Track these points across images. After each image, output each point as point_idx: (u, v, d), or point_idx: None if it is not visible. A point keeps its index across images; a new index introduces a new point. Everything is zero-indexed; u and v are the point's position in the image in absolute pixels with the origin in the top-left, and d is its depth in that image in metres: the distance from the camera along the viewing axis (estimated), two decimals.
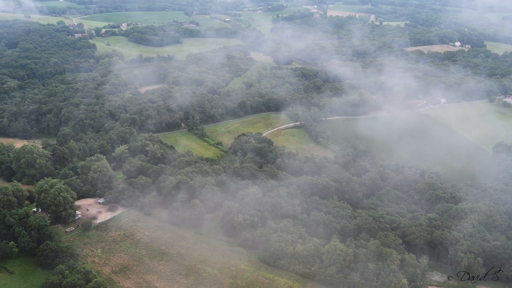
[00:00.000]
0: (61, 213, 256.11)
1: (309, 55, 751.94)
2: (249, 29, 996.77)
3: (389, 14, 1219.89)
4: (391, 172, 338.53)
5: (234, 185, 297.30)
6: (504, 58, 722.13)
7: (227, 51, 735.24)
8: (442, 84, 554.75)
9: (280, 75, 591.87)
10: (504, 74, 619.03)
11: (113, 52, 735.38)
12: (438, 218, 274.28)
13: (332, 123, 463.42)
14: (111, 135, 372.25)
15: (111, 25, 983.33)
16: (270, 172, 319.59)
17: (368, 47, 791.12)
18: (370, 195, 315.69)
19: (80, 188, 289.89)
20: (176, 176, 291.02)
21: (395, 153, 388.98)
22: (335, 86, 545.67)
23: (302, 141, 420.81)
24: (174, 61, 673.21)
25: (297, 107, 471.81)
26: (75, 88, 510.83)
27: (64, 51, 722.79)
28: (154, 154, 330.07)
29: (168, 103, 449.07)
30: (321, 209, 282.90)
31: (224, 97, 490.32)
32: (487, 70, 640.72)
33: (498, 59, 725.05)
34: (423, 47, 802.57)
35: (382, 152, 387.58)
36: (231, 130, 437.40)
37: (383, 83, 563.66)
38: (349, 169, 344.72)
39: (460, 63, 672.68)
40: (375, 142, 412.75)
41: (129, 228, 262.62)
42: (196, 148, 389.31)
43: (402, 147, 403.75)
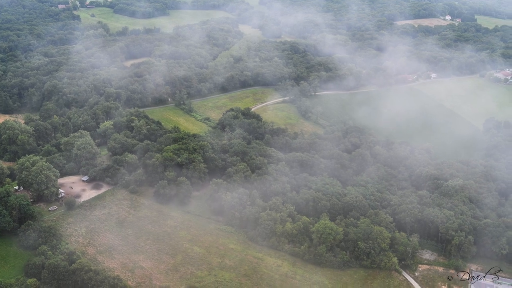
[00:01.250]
0: (44, 192, 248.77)
1: (298, 29, 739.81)
2: (237, 1, 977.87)
3: None
4: (381, 148, 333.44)
5: (222, 162, 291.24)
6: (495, 33, 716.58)
7: (215, 24, 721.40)
8: (432, 59, 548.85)
9: (269, 49, 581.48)
10: (494, 49, 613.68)
11: (98, 24, 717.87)
12: (428, 195, 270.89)
13: (321, 98, 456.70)
14: (96, 110, 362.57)
15: None
16: (258, 148, 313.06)
17: (358, 20, 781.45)
18: (360, 171, 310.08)
19: (64, 166, 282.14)
20: (163, 153, 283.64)
21: (385, 129, 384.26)
22: (325, 61, 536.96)
23: (291, 116, 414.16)
24: (161, 34, 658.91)
25: (286, 81, 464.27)
26: (58, 61, 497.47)
27: (48, 22, 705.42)
28: (140, 130, 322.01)
29: (155, 77, 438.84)
30: (311, 186, 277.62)
31: (212, 71, 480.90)
32: (477, 45, 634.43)
33: (489, 33, 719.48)
34: (414, 21, 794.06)
35: (371, 128, 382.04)
36: (219, 105, 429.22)
37: (373, 58, 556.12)
38: (339, 145, 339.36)
39: (450, 37, 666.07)
40: (365, 117, 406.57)
41: (114, 207, 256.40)
42: (183, 124, 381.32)
43: (392, 122, 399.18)
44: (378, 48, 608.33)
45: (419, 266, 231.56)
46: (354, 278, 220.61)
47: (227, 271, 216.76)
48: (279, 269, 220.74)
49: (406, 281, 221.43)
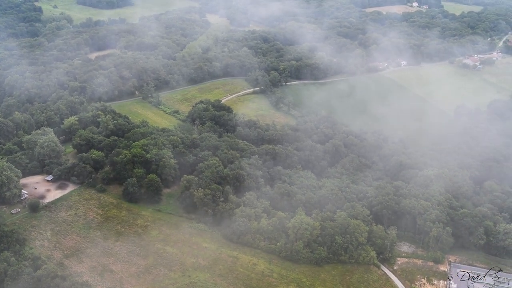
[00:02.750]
0: (5, 194, 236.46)
1: (266, 17, 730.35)
2: None
3: None
4: (354, 138, 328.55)
5: (192, 157, 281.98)
6: (462, 19, 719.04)
7: (182, 14, 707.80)
8: (402, 46, 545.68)
9: (238, 39, 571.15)
10: (462, 35, 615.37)
11: (61, 16, 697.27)
12: (404, 186, 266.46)
13: (292, 88, 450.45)
14: (59, 105, 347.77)
15: None
16: (230, 142, 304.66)
17: (326, 8, 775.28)
18: (334, 163, 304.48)
19: (26, 165, 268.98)
20: (131, 149, 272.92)
21: (357, 118, 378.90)
22: (295, 50, 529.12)
23: (262, 107, 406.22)
24: (126, 25, 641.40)
25: (256, 71, 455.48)
26: (19, 55, 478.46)
27: (8, 14, 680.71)
28: (106, 125, 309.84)
29: (121, 70, 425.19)
30: (285, 179, 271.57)
31: (179, 62, 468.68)
32: (445, 31, 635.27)
33: (456, 19, 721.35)
34: (382, 8, 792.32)
35: (344, 118, 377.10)
36: (188, 97, 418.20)
37: (342, 46, 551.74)
38: (312, 136, 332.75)
39: (418, 24, 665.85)
40: (336, 107, 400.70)
41: (81, 207, 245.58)
42: (152, 117, 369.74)
43: (364, 111, 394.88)
44: (347, 36, 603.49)
45: (398, 260, 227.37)
46: (332, 274, 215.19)
47: (201, 271, 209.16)
48: (255, 268, 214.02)
49: (385, 275, 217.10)
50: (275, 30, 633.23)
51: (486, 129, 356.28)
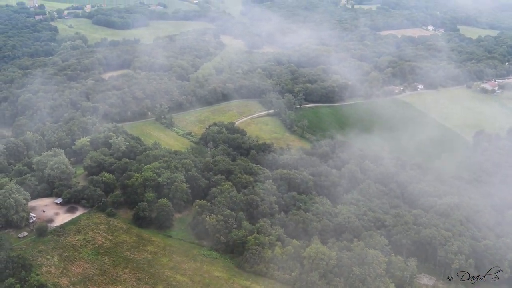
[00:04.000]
0: (13, 217, 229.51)
1: (280, 39, 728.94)
2: (219, 11, 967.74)
3: None
4: (370, 164, 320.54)
5: (205, 181, 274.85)
6: (478, 43, 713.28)
7: (196, 35, 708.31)
8: (418, 70, 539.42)
9: (252, 60, 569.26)
10: (479, 59, 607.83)
11: (76, 35, 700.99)
12: (424, 214, 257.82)
13: (307, 110, 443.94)
14: (71, 126, 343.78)
15: (74, 7, 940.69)
16: (244, 166, 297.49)
17: (341, 30, 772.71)
18: (350, 189, 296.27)
19: (36, 187, 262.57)
20: (142, 172, 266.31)
21: (374, 143, 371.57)
22: (309, 72, 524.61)
23: (276, 130, 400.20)
24: (141, 45, 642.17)
25: (271, 94, 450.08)
26: (33, 74, 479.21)
27: (24, 34, 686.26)
28: (118, 147, 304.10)
29: (134, 90, 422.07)
30: (300, 206, 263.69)
31: (193, 84, 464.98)
32: (462, 55, 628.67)
33: (473, 43, 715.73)
34: (397, 31, 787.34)
35: (360, 142, 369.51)
36: (201, 119, 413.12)
37: (358, 68, 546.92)
38: (327, 161, 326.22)
39: (434, 47, 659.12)
40: (352, 131, 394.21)
41: (90, 232, 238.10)
42: (164, 139, 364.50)
43: (380, 136, 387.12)
44: (362, 58, 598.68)
45: None
46: None
47: None
48: None
49: None
50: (289, 52, 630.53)
51: (507, 156, 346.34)
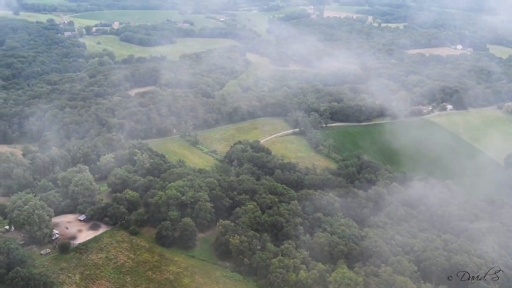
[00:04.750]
0: (36, 233, 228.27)
1: (306, 57, 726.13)
2: (245, 29, 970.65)
3: (387, 15, 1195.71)
4: (398, 185, 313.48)
5: (229, 200, 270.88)
6: (509, 62, 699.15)
7: (222, 52, 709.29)
8: (447, 89, 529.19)
9: (278, 78, 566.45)
10: (510, 79, 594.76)
11: (104, 52, 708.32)
12: (454, 240, 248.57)
13: (333, 129, 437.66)
14: (97, 142, 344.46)
15: (103, 24, 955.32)
16: (268, 185, 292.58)
17: (368, 49, 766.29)
18: (377, 211, 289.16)
19: (60, 203, 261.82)
20: (166, 190, 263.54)
21: (401, 164, 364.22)
22: (336, 90, 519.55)
23: (301, 149, 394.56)
24: (167, 62, 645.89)
25: (296, 112, 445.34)
26: (61, 90, 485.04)
27: (53, 50, 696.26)
28: (143, 164, 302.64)
29: (159, 107, 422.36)
30: (325, 228, 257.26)
31: (219, 101, 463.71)
32: (492, 75, 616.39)
33: (503, 63, 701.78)
34: (425, 50, 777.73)
35: (387, 163, 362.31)
36: (226, 136, 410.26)
37: (385, 87, 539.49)
38: (354, 182, 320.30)
39: (464, 67, 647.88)
40: (379, 151, 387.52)
41: (113, 250, 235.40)
42: (189, 157, 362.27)
43: (408, 157, 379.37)
44: (389, 77, 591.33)
45: None
46: None
47: None
48: None
49: None
50: (315, 70, 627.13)
51: None
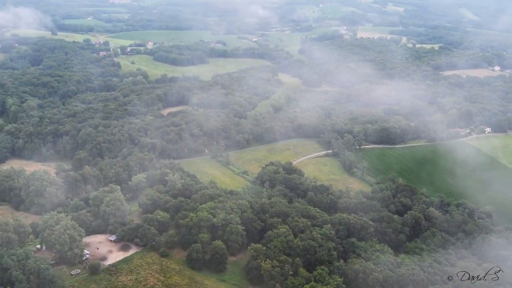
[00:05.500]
0: (67, 253, 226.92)
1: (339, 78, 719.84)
2: (277, 49, 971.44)
3: (421, 36, 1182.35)
4: (435, 210, 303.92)
5: (261, 223, 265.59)
6: None
7: (254, 72, 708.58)
8: (486, 112, 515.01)
9: (310, 99, 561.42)
10: None
11: (138, 71, 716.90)
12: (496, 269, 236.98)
13: (367, 152, 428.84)
14: (129, 161, 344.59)
15: (137, 44, 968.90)
16: (301, 208, 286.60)
17: (401, 70, 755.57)
18: (413, 237, 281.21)
19: (91, 223, 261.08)
20: (197, 212, 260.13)
21: (438, 188, 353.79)
22: (369, 112, 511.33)
23: (334, 171, 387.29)
24: (200, 82, 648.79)
25: (329, 133, 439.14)
26: (95, 109, 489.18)
27: (88, 69, 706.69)
28: (174, 184, 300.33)
29: (191, 127, 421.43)
30: (360, 253, 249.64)
31: (251, 122, 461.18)
32: None
33: None
34: (461, 71, 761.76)
35: (424, 187, 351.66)
36: (257, 157, 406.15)
37: (420, 109, 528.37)
38: (389, 206, 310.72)
39: (502, 88, 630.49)
40: (415, 174, 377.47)
41: (143, 272, 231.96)
42: (220, 177, 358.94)
43: (445, 181, 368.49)
44: (425, 99, 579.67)
45: None
46: None
47: None
48: None
49: None
50: (348, 91, 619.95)
51: None
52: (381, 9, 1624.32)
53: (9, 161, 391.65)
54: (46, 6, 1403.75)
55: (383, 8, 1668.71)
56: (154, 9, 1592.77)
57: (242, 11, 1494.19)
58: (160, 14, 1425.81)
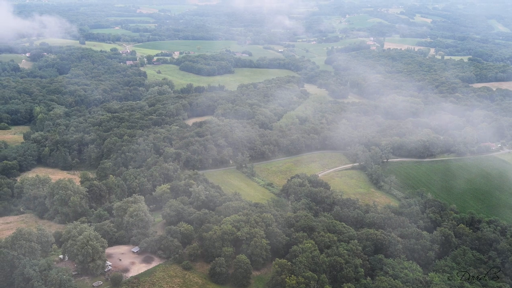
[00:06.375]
0: (89, 265, 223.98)
1: (366, 89, 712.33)
2: (303, 60, 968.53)
3: (450, 48, 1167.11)
4: (466, 227, 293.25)
5: (286, 238, 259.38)
6: None
7: (280, 83, 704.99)
8: None
9: (337, 110, 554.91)
10: None
11: (163, 81, 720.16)
12: None
13: (394, 165, 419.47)
14: (153, 171, 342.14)
15: (164, 53, 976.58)
16: (327, 223, 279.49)
17: (430, 82, 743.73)
18: (443, 254, 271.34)
19: (114, 234, 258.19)
20: (221, 225, 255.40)
21: (468, 204, 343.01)
22: (397, 125, 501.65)
23: (361, 185, 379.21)
24: (225, 92, 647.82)
25: (356, 146, 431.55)
26: (120, 117, 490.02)
27: (114, 78, 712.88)
28: (198, 196, 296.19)
29: (216, 138, 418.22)
30: (387, 271, 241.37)
31: (276, 133, 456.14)
32: None
33: None
34: (491, 84, 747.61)
35: (453, 202, 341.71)
36: (283, 169, 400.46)
37: (449, 122, 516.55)
38: (418, 222, 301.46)
39: None
40: (444, 189, 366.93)
41: (165, 285, 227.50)
42: (245, 189, 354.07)
43: (476, 197, 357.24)
44: (454, 112, 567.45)
45: None
46: None
47: None
48: None
49: None
50: (375, 103, 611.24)
51: None
52: (408, 20, 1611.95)
53: (35, 169, 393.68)
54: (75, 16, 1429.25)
55: (411, 19, 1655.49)
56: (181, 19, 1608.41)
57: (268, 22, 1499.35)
58: (186, 24, 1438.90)
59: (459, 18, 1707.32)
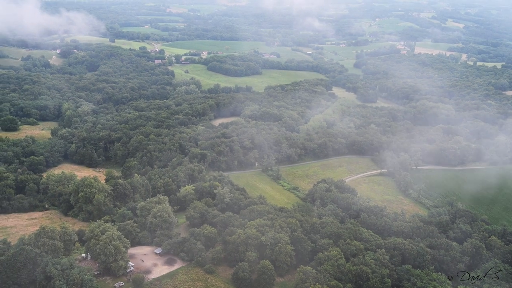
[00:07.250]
0: (111, 265, 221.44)
1: (396, 94, 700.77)
2: (332, 63, 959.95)
3: (483, 54, 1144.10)
4: (498, 240, 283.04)
5: (311, 244, 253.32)
6: None
7: (308, 85, 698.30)
8: None
9: (365, 115, 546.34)
10: None
11: (191, 80, 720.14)
12: None
13: (424, 172, 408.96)
14: (178, 171, 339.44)
15: (192, 53, 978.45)
16: (354, 230, 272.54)
17: (461, 88, 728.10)
18: (473, 267, 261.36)
19: (137, 234, 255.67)
20: (245, 229, 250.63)
21: (501, 215, 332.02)
22: (427, 131, 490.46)
23: (389, 192, 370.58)
24: (252, 93, 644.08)
25: (384, 152, 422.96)
26: (147, 116, 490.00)
27: (143, 76, 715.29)
28: (223, 198, 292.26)
29: (242, 139, 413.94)
30: (415, 282, 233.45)
31: (303, 136, 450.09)
32: None
33: None
34: None
35: (484, 213, 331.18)
36: (309, 173, 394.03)
37: (481, 130, 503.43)
38: (447, 232, 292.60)
39: None
40: (475, 199, 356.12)
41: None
42: (270, 192, 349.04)
43: (509, 208, 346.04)
44: (486, 119, 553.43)
45: None
46: None
47: None
48: None
49: None
50: (405, 108, 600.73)
51: None
52: (440, 25, 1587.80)
53: (61, 165, 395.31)
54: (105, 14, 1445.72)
55: (443, 24, 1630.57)
56: (210, 19, 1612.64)
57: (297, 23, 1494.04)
58: (215, 24, 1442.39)
59: (492, 24, 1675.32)
